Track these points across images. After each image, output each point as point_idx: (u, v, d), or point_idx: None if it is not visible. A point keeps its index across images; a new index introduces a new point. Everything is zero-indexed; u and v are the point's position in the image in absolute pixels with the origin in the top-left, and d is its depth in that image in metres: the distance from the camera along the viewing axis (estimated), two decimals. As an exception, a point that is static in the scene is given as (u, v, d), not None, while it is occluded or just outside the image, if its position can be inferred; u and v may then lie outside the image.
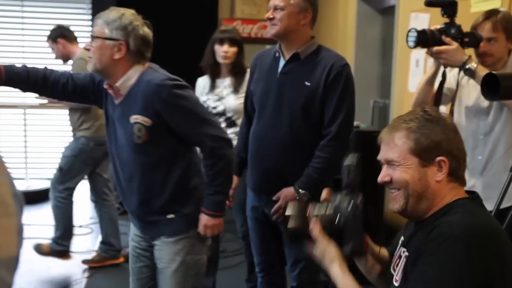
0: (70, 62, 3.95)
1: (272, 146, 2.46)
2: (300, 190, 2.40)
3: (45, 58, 5.59)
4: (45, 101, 4.46)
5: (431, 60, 2.48)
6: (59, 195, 3.89)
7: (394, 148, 1.42)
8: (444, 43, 2.23)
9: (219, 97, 3.28)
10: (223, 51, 3.23)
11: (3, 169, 0.71)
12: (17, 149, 6.18)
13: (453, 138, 1.42)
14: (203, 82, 3.41)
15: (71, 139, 4.03)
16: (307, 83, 2.38)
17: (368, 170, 1.59)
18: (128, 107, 2.09)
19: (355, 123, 3.34)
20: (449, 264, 1.26)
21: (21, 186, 5.74)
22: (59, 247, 3.95)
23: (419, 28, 2.27)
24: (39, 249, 3.98)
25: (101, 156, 3.90)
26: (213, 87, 3.31)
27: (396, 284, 1.45)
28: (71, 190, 3.94)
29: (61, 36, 3.90)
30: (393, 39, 4.29)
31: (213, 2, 5.11)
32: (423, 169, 1.39)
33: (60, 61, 4.05)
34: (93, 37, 2.06)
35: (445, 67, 2.33)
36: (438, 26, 2.29)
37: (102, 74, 2.10)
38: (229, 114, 3.26)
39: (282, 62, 2.46)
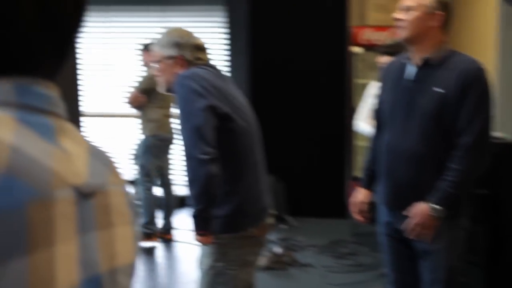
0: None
1: (403, 157, 2.36)
2: (435, 206, 2.28)
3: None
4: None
5: None
6: (145, 188, 4.69)
7: None
8: None
9: None
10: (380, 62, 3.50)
11: (119, 179, 0.74)
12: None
13: None
14: (375, 85, 3.53)
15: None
16: (440, 90, 2.26)
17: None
18: None
19: (498, 134, 3.11)
20: None
21: (158, 192, 6.09)
22: (148, 231, 4.68)
23: None
24: None
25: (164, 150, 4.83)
26: None
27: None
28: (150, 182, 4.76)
29: (149, 50, 4.52)
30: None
31: (342, 9, 5.05)
32: None
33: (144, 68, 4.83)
34: (156, 62, 2.27)
35: None
36: None
37: (173, 91, 2.23)
38: None
39: (412, 69, 2.37)
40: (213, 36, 6.55)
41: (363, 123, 3.85)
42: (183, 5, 6.49)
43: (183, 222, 4.91)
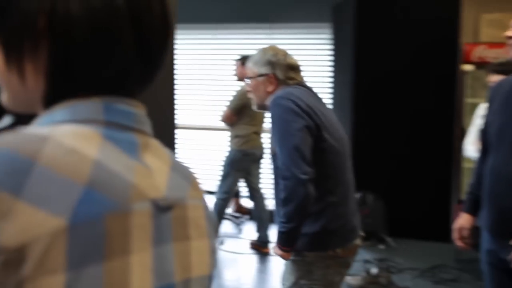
0: (241, 84, 4.90)
1: (509, 181, 2.23)
2: (543, 235, 2.13)
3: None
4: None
5: None
6: (219, 198, 4.90)
7: None
8: None
9: None
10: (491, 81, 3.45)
11: (199, 194, 0.77)
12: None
13: None
14: (484, 107, 3.50)
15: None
16: None
17: None
18: None
19: None
20: None
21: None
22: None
23: None
24: None
25: (249, 164, 4.98)
26: None
27: None
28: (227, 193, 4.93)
29: None
30: None
31: (454, 25, 4.87)
32: None
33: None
34: (248, 78, 2.32)
35: None
36: None
37: (264, 108, 2.32)
38: None
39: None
40: (319, 53, 6.59)
41: (471, 146, 3.70)
42: (290, 22, 6.60)
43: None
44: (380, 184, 4.83)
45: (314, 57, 6.64)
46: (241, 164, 4.93)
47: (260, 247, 4.99)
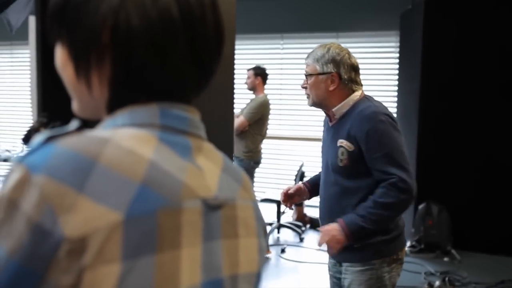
0: (252, 95, 5.16)
1: None
2: None
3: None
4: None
5: None
6: None
7: None
8: None
9: None
10: None
11: (249, 195, 0.82)
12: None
13: None
14: None
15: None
16: None
17: None
18: (338, 130, 2.19)
19: None
20: None
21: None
22: None
23: None
24: None
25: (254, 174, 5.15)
26: None
27: None
28: None
29: (261, 75, 5.11)
30: None
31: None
32: None
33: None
34: (307, 76, 2.25)
35: None
36: None
37: (321, 106, 2.26)
38: None
39: None
40: (386, 61, 6.49)
41: None
42: (357, 30, 6.55)
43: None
44: (445, 195, 4.68)
45: (380, 65, 6.55)
46: (252, 173, 5.08)
47: None
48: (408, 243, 4.48)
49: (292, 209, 2.29)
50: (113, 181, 0.61)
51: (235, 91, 2.76)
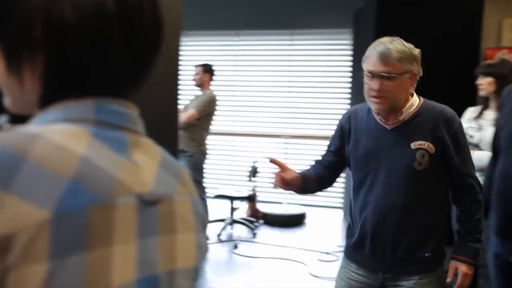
0: (199, 92, 5.14)
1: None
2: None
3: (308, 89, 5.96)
4: None
5: None
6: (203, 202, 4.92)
7: None
8: None
9: (479, 127, 3.15)
10: (478, 84, 3.45)
11: (188, 190, 0.80)
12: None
13: None
14: (473, 110, 3.47)
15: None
16: None
17: None
18: (407, 132, 2.00)
19: None
20: None
21: (279, 210, 6.19)
22: None
23: None
24: None
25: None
26: (478, 117, 3.34)
27: None
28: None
29: (210, 71, 5.14)
30: None
31: (477, 30, 4.79)
32: None
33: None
34: (390, 77, 1.93)
35: None
36: None
37: (395, 109, 2.01)
38: (483, 147, 3.07)
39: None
40: (339, 59, 6.57)
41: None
42: (311, 28, 6.60)
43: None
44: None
45: (334, 62, 6.63)
46: (203, 167, 5.09)
47: None
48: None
49: (277, 187, 2.09)
50: (42, 178, 0.58)
51: (181, 87, 2.71)
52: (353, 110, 2.20)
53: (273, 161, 2.07)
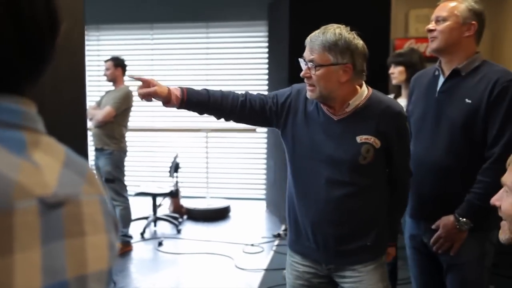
0: (112, 87, 5.00)
1: (430, 169, 2.29)
2: (461, 219, 2.19)
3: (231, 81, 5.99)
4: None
5: None
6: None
7: None
8: None
9: None
10: (390, 73, 3.67)
11: (95, 189, 0.75)
12: (200, 170, 6.65)
13: None
14: None
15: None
16: (468, 101, 2.18)
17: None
18: (353, 126, 2.00)
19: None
20: None
21: (202, 204, 6.18)
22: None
23: None
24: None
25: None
26: None
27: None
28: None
29: (121, 66, 4.97)
30: None
31: (386, 21, 4.97)
32: None
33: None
34: (315, 66, 1.91)
35: None
36: None
37: (327, 99, 1.98)
38: None
39: (441, 80, 2.29)
40: (255, 51, 6.61)
41: None
42: (226, 21, 6.59)
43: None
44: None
45: (251, 55, 6.66)
46: (123, 164, 4.98)
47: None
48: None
49: (144, 100, 1.97)
50: None
51: (92, 82, 2.59)
52: (305, 93, 2.09)
53: (136, 78, 2.01)
